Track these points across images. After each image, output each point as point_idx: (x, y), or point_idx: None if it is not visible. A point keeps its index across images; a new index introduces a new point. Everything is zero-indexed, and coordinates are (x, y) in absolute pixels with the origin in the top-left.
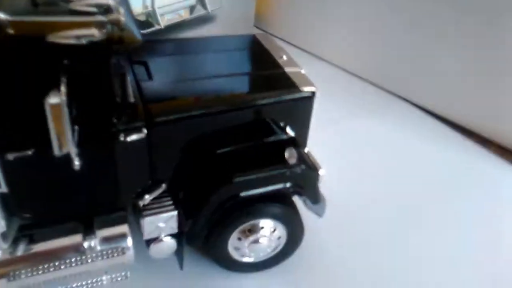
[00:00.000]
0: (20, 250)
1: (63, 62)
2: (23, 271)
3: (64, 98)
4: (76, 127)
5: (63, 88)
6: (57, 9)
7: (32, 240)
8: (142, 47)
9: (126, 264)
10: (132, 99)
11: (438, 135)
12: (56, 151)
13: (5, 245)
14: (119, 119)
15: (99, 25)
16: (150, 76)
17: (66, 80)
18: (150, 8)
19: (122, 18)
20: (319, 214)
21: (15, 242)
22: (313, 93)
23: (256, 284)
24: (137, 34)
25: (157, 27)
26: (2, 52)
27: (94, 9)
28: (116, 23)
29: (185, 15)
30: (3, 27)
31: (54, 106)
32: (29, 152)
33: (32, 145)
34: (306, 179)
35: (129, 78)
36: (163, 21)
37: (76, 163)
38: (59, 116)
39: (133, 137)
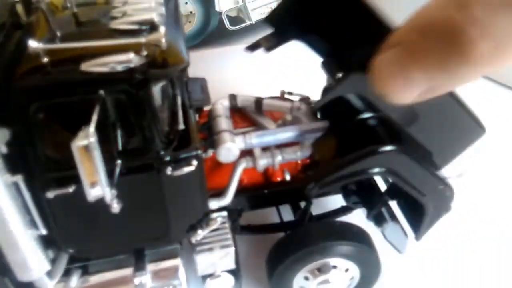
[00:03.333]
0: (74, 282)
1: (97, 92)
2: None
3: (93, 139)
4: (119, 162)
5: (92, 128)
6: (98, 30)
7: (86, 272)
8: None
9: None
10: (182, 126)
11: None
12: (88, 197)
13: (52, 282)
14: (165, 149)
15: (137, 47)
16: None
17: (102, 113)
18: (241, 3)
19: (164, 38)
20: (400, 250)
21: (67, 274)
22: None
23: None
24: (184, 54)
25: (248, 22)
26: (39, 84)
27: (137, 27)
28: (157, 44)
29: None
30: (37, 56)
31: (82, 149)
32: (69, 190)
33: (72, 182)
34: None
35: (182, 100)
36: (254, 16)
37: (115, 205)
38: (88, 159)
39: (182, 169)
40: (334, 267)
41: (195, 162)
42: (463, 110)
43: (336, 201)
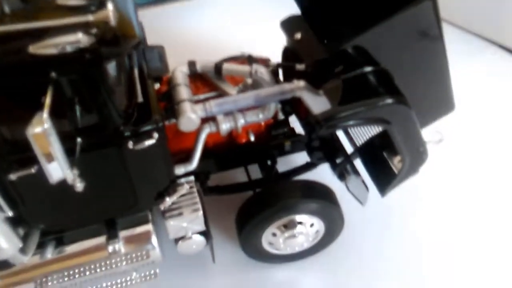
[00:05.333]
0: (49, 253)
1: (48, 75)
2: (51, 276)
3: (47, 125)
4: (78, 140)
5: (45, 114)
6: (44, 6)
7: (61, 243)
8: None
9: (155, 263)
10: (140, 98)
11: None
12: (50, 180)
13: (25, 258)
14: (125, 124)
15: (86, 26)
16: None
17: (56, 93)
18: None
19: (112, 14)
20: (362, 202)
21: (42, 247)
22: None
23: (291, 274)
24: (136, 29)
25: None
26: None
27: (84, 2)
28: (106, 21)
29: None
30: None
31: (37, 135)
32: (32, 171)
33: (33, 163)
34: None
35: (139, 70)
36: None
37: (78, 185)
38: (45, 145)
39: (143, 143)
40: (300, 223)
41: (156, 135)
42: (448, 78)
43: (301, 158)
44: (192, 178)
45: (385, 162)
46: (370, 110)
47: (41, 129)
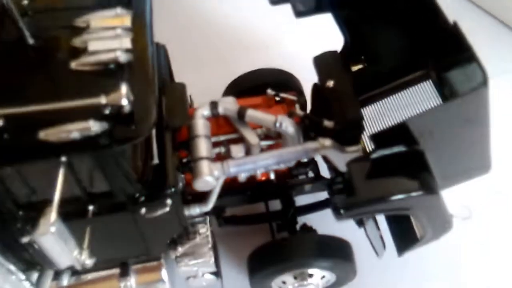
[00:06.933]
0: (65, 281)
1: (59, 159)
2: None
3: (55, 228)
4: (90, 207)
5: (53, 216)
6: (58, 72)
7: (76, 272)
8: None
9: None
10: (156, 160)
11: None
12: (59, 267)
13: None
14: (139, 189)
15: (97, 109)
16: None
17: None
18: None
19: (125, 98)
20: (378, 253)
21: (58, 275)
22: None
23: None
24: (152, 109)
25: None
26: None
27: (100, 67)
28: (119, 104)
29: None
30: None
31: (46, 237)
32: None
33: None
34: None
35: None
36: None
37: (87, 262)
38: (53, 244)
39: (156, 211)
40: (311, 275)
41: (169, 202)
42: (488, 143)
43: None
44: (207, 220)
45: (409, 222)
46: (394, 201)
47: (48, 233)
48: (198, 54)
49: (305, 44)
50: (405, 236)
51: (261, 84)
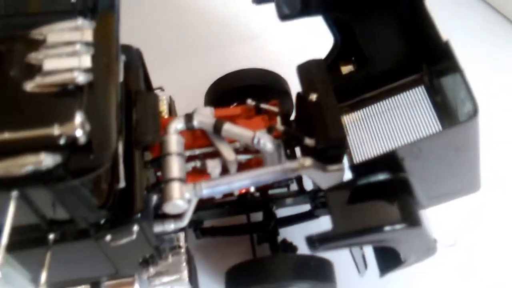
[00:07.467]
0: None
1: (9, 193)
2: None
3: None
4: (51, 236)
5: (2, 251)
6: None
7: None
8: None
9: None
10: (123, 183)
11: None
12: None
13: None
14: (102, 216)
15: (50, 140)
16: None
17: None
18: None
19: (80, 130)
20: (360, 270)
21: None
22: None
23: None
24: (112, 137)
25: None
26: None
27: (57, 89)
28: (73, 136)
29: None
30: None
31: None
32: None
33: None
34: None
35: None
36: None
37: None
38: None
39: (121, 239)
40: None
41: (136, 229)
42: (478, 165)
43: None
44: (182, 236)
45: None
46: (374, 234)
47: None
48: (179, 51)
49: (294, 39)
50: (388, 257)
51: (245, 86)
